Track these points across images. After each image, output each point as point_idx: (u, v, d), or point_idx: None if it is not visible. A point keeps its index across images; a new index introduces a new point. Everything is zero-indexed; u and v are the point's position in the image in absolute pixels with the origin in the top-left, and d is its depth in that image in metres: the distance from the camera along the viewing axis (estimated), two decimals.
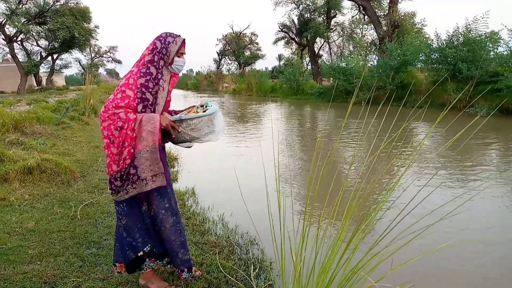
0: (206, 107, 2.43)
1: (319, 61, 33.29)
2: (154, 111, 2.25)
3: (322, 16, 32.90)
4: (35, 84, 36.37)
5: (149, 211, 2.41)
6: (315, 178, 1.99)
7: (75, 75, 61.48)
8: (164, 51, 2.25)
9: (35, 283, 2.71)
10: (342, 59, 23.75)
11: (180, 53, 2.32)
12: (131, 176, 2.22)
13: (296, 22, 34.89)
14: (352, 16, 33.26)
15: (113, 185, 2.25)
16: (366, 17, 29.27)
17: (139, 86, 2.17)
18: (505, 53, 14.52)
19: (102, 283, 2.73)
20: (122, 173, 2.21)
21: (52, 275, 2.81)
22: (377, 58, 22.36)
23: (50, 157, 5.65)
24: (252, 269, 2.93)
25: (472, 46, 14.72)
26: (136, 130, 2.15)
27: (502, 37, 14.79)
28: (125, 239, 2.44)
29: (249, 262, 3.11)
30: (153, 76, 2.21)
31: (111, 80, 61.85)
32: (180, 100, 30.26)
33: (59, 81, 46.53)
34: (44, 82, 38.44)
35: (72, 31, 29.99)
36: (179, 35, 2.31)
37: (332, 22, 33.87)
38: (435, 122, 1.90)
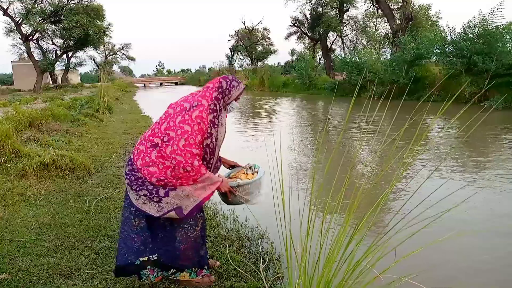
0: (254, 168, 2.68)
1: (331, 55, 33.02)
2: (215, 146, 2.38)
3: (335, 10, 32.54)
4: (50, 82, 36.98)
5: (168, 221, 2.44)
6: (322, 172, 2.02)
7: (89, 72, 62.17)
8: (227, 92, 2.42)
9: (51, 274, 2.80)
10: (355, 53, 23.50)
11: (237, 97, 2.51)
12: (155, 196, 2.28)
13: (308, 16, 34.65)
14: (365, 10, 32.87)
15: (134, 184, 2.30)
16: (379, 10, 28.90)
17: (209, 121, 2.29)
18: None
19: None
20: (152, 186, 2.28)
21: (67, 267, 2.91)
22: (390, 51, 22.08)
23: (65, 153, 5.78)
24: (261, 262, 2.98)
25: (488, 38, 14.40)
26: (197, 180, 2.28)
27: None
28: (131, 240, 2.44)
29: (258, 255, 3.16)
30: (217, 113, 2.35)
31: (125, 77, 62.44)
32: None
33: (74, 78, 47.20)
34: (59, 80, 39.05)
35: (86, 29, 30.40)
36: (242, 82, 2.53)
37: (345, 16, 33.50)
38: (444, 115, 1.90)
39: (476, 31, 15.20)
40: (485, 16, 14.91)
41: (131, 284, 2.67)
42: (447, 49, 16.63)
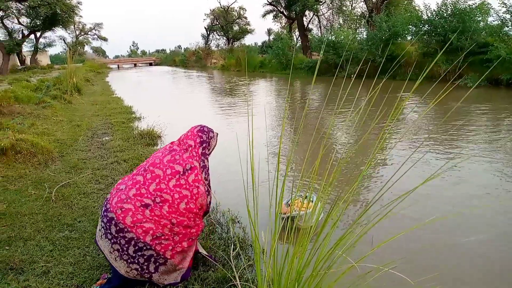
0: (311, 198, 2.81)
1: (308, 35, 32.61)
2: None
3: None
4: (18, 64, 35.33)
5: None
6: (297, 153, 1.83)
7: (60, 53, 59.68)
8: (207, 144, 2.50)
9: (0, 269, 2.55)
10: (332, 33, 23.24)
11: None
12: (145, 272, 2.24)
13: None
14: None
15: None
16: None
17: (203, 180, 2.36)
18: (494, 23, 14.27)
19: (73, 267, 2.59)
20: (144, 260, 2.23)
21: (19, 260, 2.67)
22: (366, 31, 21.90)
23: (26, 137, 5.42)
24: (232, 249, 2.80)
25: (462, 17, 14.43)
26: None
27: (492, 6, 14.50)
28: None
29: (229, 242, 2.98)
30: (206, 168, 2.44)
31: (98, 58, 60.26)
32: (167, 75, 29.66)
33: (44, 60, 45.20)
34: (28, 61, 37.34)
35: (54, 8, 29.03)
36: (213, 130, 2.61)
37: None
38: (419, 93, 1.73)
39: (449, 10, 15.20)
40: None
41: (89, 277, 2.46)
42: (422, 28, 16.61)
